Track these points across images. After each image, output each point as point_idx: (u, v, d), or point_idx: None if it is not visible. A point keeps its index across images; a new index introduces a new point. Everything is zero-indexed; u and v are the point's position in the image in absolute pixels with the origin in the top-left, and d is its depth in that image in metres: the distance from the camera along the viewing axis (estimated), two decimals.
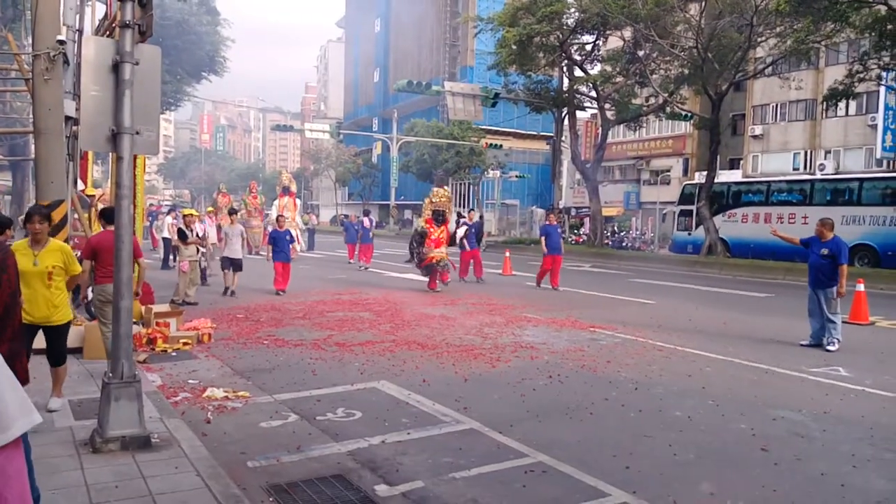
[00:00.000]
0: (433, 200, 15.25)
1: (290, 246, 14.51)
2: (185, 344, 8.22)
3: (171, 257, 17.58)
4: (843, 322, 10.69)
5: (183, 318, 9.05)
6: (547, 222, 16.36)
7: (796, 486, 4.36)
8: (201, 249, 13.24)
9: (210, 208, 22.39)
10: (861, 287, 11.51)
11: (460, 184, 50.94)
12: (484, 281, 16.92)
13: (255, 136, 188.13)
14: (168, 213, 22.15)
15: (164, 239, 19.30)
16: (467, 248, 17.00)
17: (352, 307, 11.93)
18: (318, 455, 4.74)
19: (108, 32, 8.37)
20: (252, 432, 5.21)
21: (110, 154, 4.95)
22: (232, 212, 15.87)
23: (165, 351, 7.99)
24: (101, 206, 9.91)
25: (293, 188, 27.81)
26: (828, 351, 8.76)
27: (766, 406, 6.14)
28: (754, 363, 7.97)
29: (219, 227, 17.88)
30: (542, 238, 15.99)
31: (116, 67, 4.61)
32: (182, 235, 12.53)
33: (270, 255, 13.94)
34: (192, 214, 13.48)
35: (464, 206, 52.97)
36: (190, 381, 6.69)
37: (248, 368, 7.31)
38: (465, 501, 4.03)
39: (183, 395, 6.20)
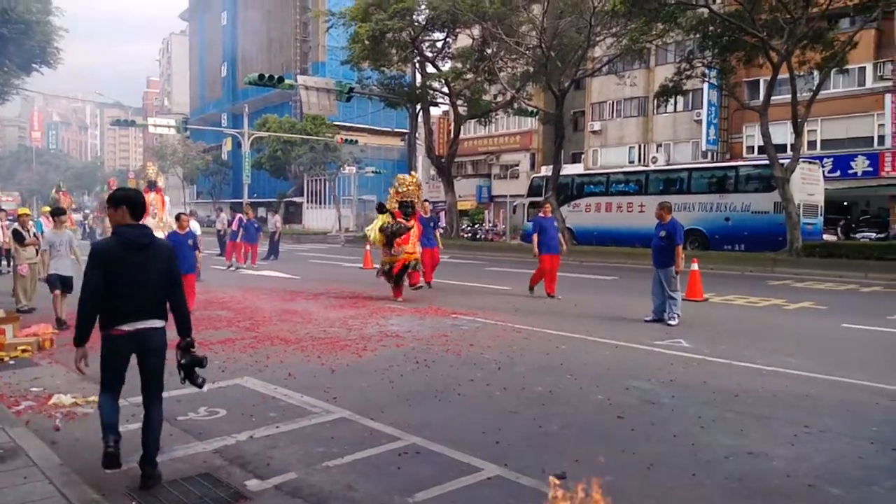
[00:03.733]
0: (399, 190, 12.60)
1: (195, 253, 10.96)
2: (24, 351, 7.48)
3: (8, 261, 15.64)
4: (687, 300, 11.71)
5: (20, 323, 8.19)
6: (541, 214, 13.14)
7: (652, 448, 4.65)
8: (40, 250, 11.91)
9: (46, 208, 20.05)
10: (695, 266, 12.62)
11: (316, 180, 49.99)
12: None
13: (92, 133, 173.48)
14: None
15: None
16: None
17: (207, 306, 11.28)
18: (182, 455, 4.45)
19: None
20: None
21: None
22: (57, 213, 10.69)
23: (2, 359, 7.20)
24: None
25: (161, 183, 23.23)
26: (669, 325, 9.51)
27: (619, 378, 6.54)
28: (606, 339, 8.48)
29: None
30: (535, 235, 12.74)
31: None
32: (18, 237, 11.33)
33: None
34: (26, 214, 12.21)
35: (318, 203, 52.12)
36: (33, 389, 6.08)
37: (97, 373, 6.65)
38: (340, 488, 3.93)
39: (26, 403, 5.64)
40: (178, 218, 11.33)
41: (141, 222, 11.71)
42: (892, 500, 3.90)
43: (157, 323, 4.13)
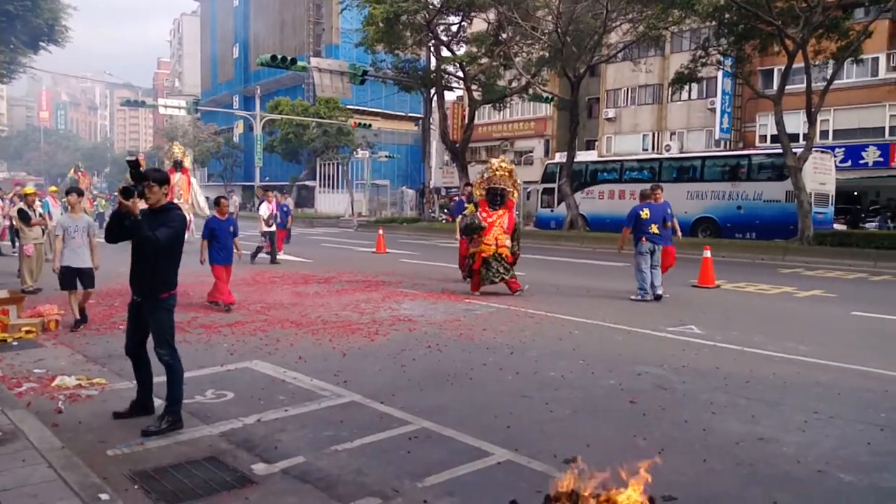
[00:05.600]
0: (485, 176, 11.13)
1: (234, 240, 9.87)
2: (28, 332, 7.46)
3: (12, 242, 15.66)
4: (693, 286, 11.64)
5: (24, 304, 8.16)
6: (651, 200, 10.79)
7: (664, 433, 4.64)
8: (46, 230, 11.93)
9: (53, 188, 19.78)
10: (707, 254, 12.53)
11: (328, 164, 49.96)
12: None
13: (101, 114, 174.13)
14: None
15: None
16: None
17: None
18: (187, 439, 4.43)
19: None
20: (111, 420, 4.78)
21: None
22: (72, 191, 8.86)
23: (5, 341, 7.18)
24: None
25: (187, 163, 22.18)
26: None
27: (632, 363, 6.51)
28: (618, 325, 8.44)
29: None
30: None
31: None
32: (24, 216, 11.31)
33: (206, 254, 9.67)
34: (33, 193, 12.21)
35: (331, 187, 52.16)
36: (36, 371, 6.06)
37: (102, 355, 6.73)
38: (349, 472, 3.92)
39: (28, 385, 5.60)
40: (217, 202, 10.20)
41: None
42: None
43: None
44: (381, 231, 21.17)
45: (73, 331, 7.84)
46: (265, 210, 15.90)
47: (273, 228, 15.99)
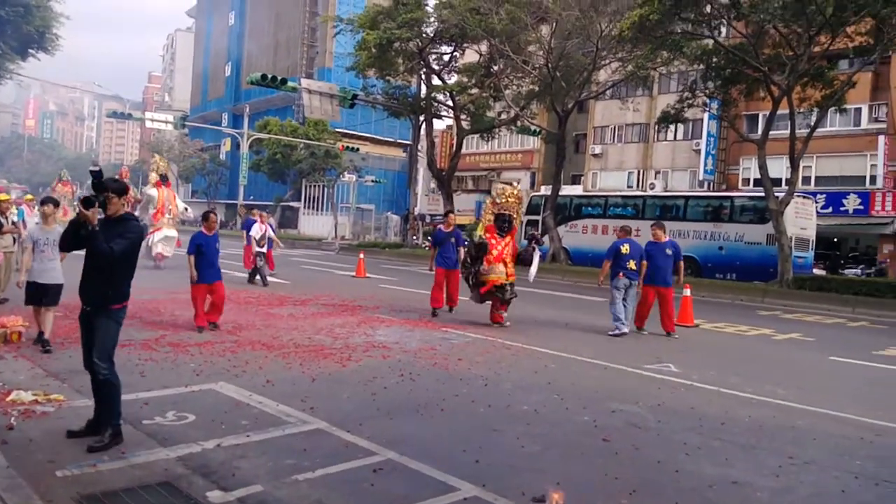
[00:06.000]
0: (497, 201, 11.04)
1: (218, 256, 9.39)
2: None
3: None
4: (678, 325, 11.54)
5: None
6: (653, 239, 11.02)
7: (636, 473, 4.52)
8: (20, 239, 11.60)
9: (29, 196, 19.30)
10: (687, 292, 12.52)
11: (314, 186, 49.86)
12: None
13: (88, 125, 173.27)
14: None
15: None
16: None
17: (189, 306, 11.02)
18: (142, 462, 4.23)
19: None
20: (65, 439, 4.57)
21: None
22: (47, 201, 8.31)
23: None
24: None
25: (170, 176, 21.74)
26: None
27: (607, 399, 6.39)
28: (595, 360, 8.34)
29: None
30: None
31: None
32: None
33: (193, 271, 9.08)
34: (7, 200, 11.94)
35: (315, 209, 52.00)
36: None
37: (64, 370, 6.49)
38: None
39: None
40: (206, 217, 9.52)
41: (157, 219, 11.25)
42: None
43: None
44: (361, 255, 21.01)
45: (35, 344, 7.54)
46: (257, 230, 15.63)
47: (265, 249, 15.71)
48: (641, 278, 10.73)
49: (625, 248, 10.65)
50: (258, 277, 15.42)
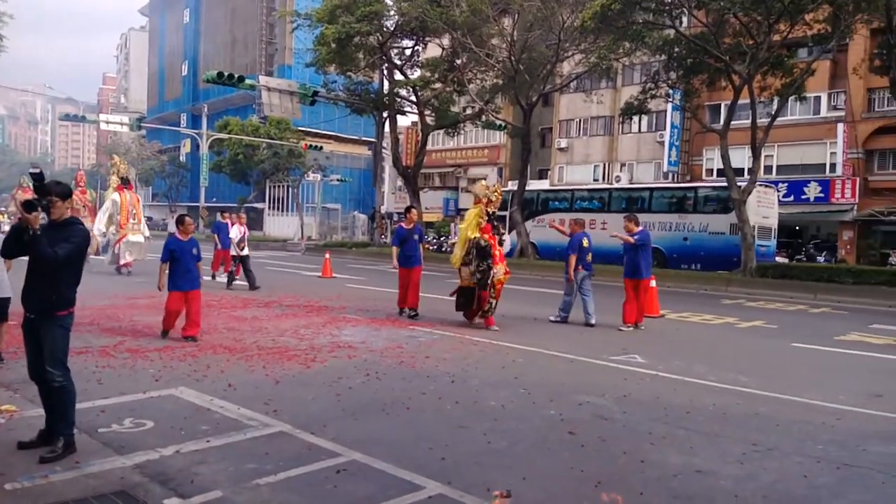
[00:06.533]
0: (492, 199, 10.22)
1: (197, 263, 8.74)
2: None
3: None
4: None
5: None
6: (637, 228, 10.88)
7: (602, 465, 4.51)
8: None
9: None
10: (653, 283, 12.60)
11: (278, 186, 49.26)
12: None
13: (42, 129, 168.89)
14: None
15: None
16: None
17: (149, 311, 10.80)
18: (97, 471, 4.09)
19: None
20: (16, 451, 4.40)
21: None
22: None
23: None
24: None
25: (131, 178, 20.69)
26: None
27: (573, 392, 6.39)
28: (561, 353, 8.34)
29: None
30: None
31: None
32: None
33: (164, 279, 8.59)
34: None
35: (280, 210, 51.38)
36: None
37: (16, 380, 6.25)
38: None
39: None
40: (181, 221, 8.95)
41: (124, 224, 10.78)
42: None
43: None
44: (327, 255, 20.80)
45: None
46: (235, 232, 15.20)
47: (246, 252, 15.28)
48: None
49: (586, 242, 10.91)
50: (227, 280, 15.22)
